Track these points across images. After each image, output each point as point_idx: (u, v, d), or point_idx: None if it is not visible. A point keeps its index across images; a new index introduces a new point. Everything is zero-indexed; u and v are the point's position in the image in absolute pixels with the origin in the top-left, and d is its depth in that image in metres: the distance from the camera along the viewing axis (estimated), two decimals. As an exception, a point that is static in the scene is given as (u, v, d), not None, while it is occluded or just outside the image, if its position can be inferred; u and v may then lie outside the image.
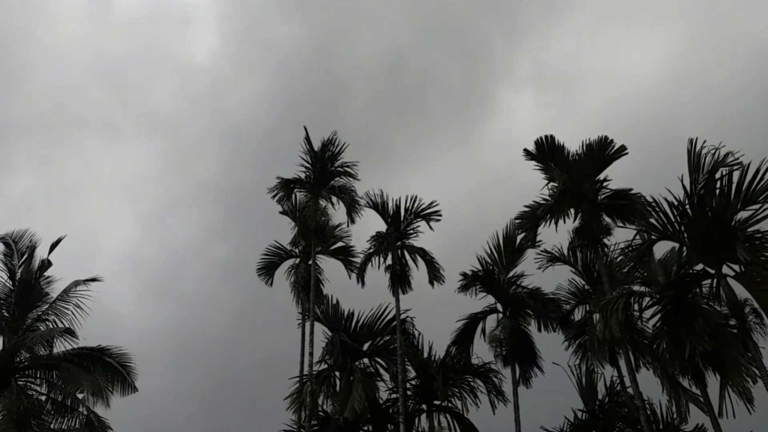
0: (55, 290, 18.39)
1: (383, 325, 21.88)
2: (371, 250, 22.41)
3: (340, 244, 23.96)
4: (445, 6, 56.84)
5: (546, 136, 20.66)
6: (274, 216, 23.87)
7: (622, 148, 19.94)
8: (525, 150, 21.01)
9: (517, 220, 21.14)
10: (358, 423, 19.91)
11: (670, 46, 52.53)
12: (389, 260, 21.99)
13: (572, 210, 19.99)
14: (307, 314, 21.88)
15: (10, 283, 18.21)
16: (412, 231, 22.68)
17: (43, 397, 17.27)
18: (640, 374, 18.60)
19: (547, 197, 20.12)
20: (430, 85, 57.98)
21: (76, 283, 18.09)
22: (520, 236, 22.14)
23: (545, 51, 56.53)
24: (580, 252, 21.21)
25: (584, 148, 20.23)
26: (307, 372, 20.28)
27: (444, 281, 22.23)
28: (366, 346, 22.00)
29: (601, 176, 20.12)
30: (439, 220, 22.49)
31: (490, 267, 22.96)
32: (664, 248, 17.86)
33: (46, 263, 18.54)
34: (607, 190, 19.99)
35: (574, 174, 19.89)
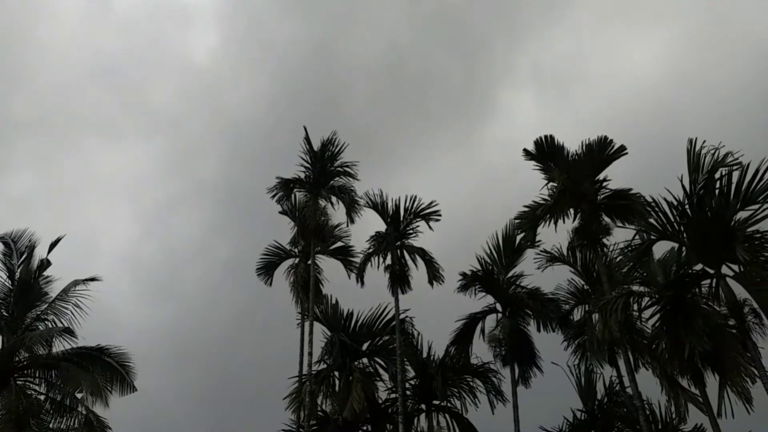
0: (54, 290, 18.44)
1: (382, 324, 21.87)
2: (371, 250, 22.43)
3: (339, 243, 23.98)
4: (445, 6, 56.95)
5: (545, 136, 20.69)
6: (274, 216, 23.91)
7: (622, 148, 19.95)
8: (524, 150, 21.04)
9: (517, 220, 21.15)
10: (357, 423, 19.91)
11: (670, 46, 52.63)
12: (389, 260, 22.01)
13: (572, 210, 20.00)
14: (307, 314, 21.87)
15: (10, 282, 18.21)
16: (411, 231, 22.70)
17: (42, 397, 17.28)
18: (639, 374, 18.62)
19: (547, 197, 20.13)
20: (430, 85, 58.03)
21: (75, 282, 18.09)
22: (519, 236, 22.15)
23: (545, 51, 56.62)
24: (579, 252, 21.24)
25: (584, 148, 20.25)
26: (307, 372, 20.27)
27: (443, 281, 22.28)
28: (365, 346, 21.99)
29: (601, 176, 20.13)
30: (438, 219, 22.53)
31: (490, 267, 22.97)
32: (663, 248, 17.89)
33: (46, 263, 18.54)
34: (607, 190, 20.01)
35: (574, 174, 19.89)
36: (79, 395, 17.07)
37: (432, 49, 58.49)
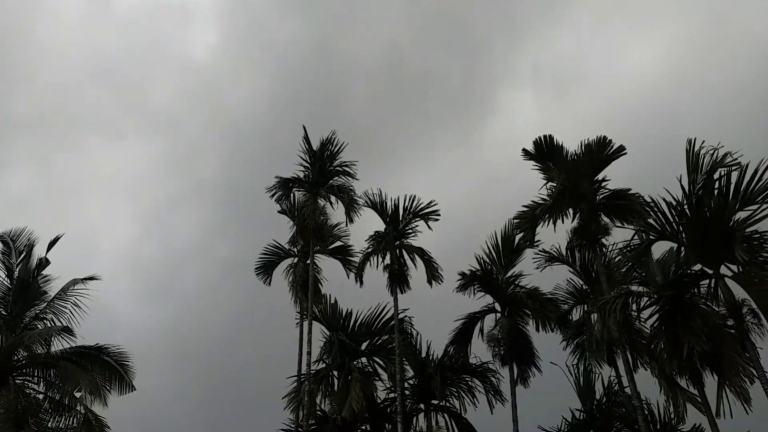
0: (53, 289, 18.45)
1: (381, 324, 21.88)
2: (370, 250, 22.44)
3: (338, 243, 23.98)
4: (445, 6, 56.96)
5: (545, 136, 20.70)
6: (273, 215, 23.91)
7: (621, 148, 19.96)
8: (524, 150, 21.05)
9: (516, 220, 21.16)
10: (356, 422, 19.91)
11: (670, 46, 52.64)
12: (388, 260, 22.02)
13: (571, 210, 20.01)
14: (306, 313, 21.87)
15: (8, 281, 18.20)
16: (410, 230, 22.71)
17: (40, 396, 17.27)
18: (637, 374, 18.64)
19: (546, 197, 20.14)
20: (430, 85, 58.04)
21: (74, 281, 18.10)
22: (518, 236, 22.15)
23: (545, 51, 56.63)
24: (578, 252, 21.25)
25: (583, 148, 20.27)
26: (305, 371, 20.27)
27: (442, 281, 22.28)
28: (364, 346, 22.00)
29: (600, 176, 20.15)
30: (437, 219, 22.54)
31: (489, 267, 22.96)
32: (662, 248, 17.86)
33: (44, 262, 18.53)
34: (606, 190, 20.03)
35: (573, 174, 19.90)
36: (77, 394, 17.06)
37: (432, 49, 58.56)
